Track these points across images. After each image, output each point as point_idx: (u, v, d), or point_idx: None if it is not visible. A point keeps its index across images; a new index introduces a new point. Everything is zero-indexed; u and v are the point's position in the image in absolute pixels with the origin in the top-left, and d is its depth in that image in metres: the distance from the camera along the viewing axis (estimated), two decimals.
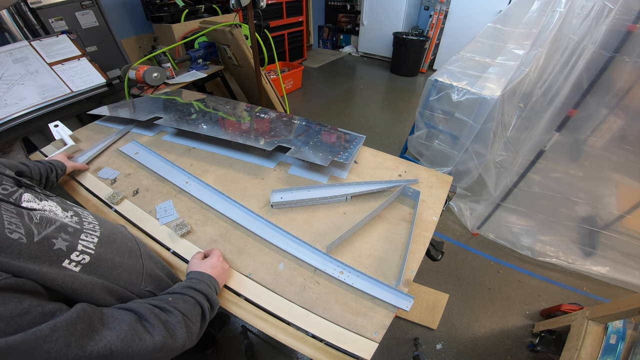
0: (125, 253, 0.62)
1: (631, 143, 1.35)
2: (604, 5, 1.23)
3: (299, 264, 0.74)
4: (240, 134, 1.09)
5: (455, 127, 1.99)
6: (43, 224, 0.47)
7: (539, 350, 1.44)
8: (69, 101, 1.78)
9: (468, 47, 2.01)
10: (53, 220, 0.49)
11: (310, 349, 0.62)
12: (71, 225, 0.52)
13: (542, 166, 1.59)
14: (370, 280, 0.69)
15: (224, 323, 1.51)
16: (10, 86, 1.63)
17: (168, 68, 2.16)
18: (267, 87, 2.54)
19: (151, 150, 1.08)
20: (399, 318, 1.57)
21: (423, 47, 4.38)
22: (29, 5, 1.88)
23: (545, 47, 1.59)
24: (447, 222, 2.15)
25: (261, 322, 0.65)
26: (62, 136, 1.14)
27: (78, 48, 1.93)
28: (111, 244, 0.59)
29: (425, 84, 2.02)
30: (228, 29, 2.15)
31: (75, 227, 0.53)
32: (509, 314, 1.63)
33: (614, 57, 1.21)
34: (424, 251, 0.78)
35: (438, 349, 1.48)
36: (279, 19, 4.27)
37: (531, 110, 1.68)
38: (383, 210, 0.88)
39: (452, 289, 1.70)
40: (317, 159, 0.96)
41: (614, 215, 1.61)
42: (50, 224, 0.48)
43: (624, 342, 1.14)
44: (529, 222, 1.88)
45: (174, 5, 2.80)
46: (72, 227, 0.52)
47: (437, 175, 1.01)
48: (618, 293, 1.73)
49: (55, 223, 0.49)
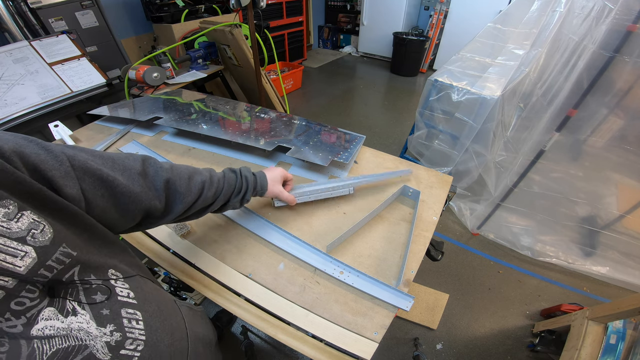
0: None
1: (631, 143, 1.35)
2: (604, 5, 1.23)
3: (299, 264, 0.74)
4: (240, 134, 1.09)
5: (455, 127, 1.99)
6: None
7: (539, 350, 1.44)
8: (69, 101, 1.78)
9: (468, 47, 2.01)
10: (76, 351, 0.34)
11: (310, 349, 0.62)
12: (101, 355, 0.36)
13: (542, 166, 1.59)
14: (370, 280, 0.69)
15: (230, 319, 1.53)
16: (10, 86, 1.63)
17: (168, 68, 2.16)
18: (267, 87, 2.54)
19: (151, 151, 1.08)
20: (399, 318, 1.57)
21: (423, 47, 4.38)
22: (29, 5, 1.88)
23: (545, 47, 1.59)
24: (447, 222, 2.15)
25: (261, 322, 0.65)
26: (62, 136, 1.14)
27: (78, 48, 1.93)
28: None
29: (425, 84, 2.02)
30: (228, 29, 2.15)
31: (103, 359, 0.36)
32: (509, 314, 1.63)
33: (614, 57, 1.21)
34: (424, 251, 0.78)
35: (438, 349, 1.48)
36: (279, 19, 4.28)
37: (531, 110, 1.68)
38: (383, 210, 0.88)
39: (452, 289, 1.70)
40: (317, 159, 0.96)
41: (614, 215, 1.61)
42: (67, 359, 0.33)
43: (624, 342, 1.14)
44: (529, 222, 1.88)
45: (174, 5, 2.80)
46: (100, 358, 0.36)
47: (437, 175, 1.01)
48: (618, 293, 1.73)
49: (77, 356, 0.34)
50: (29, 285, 0.31)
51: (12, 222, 0.30)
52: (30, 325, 0.31)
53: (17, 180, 0.30)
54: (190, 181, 0.57)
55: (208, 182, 0.60)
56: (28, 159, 0.33)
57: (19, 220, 0.30)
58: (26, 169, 0.32)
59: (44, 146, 0.36)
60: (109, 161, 0.45)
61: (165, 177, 0.52)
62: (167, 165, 0.55)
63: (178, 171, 0.56)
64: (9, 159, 0.31)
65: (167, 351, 0.45)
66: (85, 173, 0.39)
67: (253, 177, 0.69)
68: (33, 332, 0.31)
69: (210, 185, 0.61)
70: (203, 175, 0.60)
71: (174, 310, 0.53)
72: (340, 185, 0.89)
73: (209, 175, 0.61)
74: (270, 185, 0.73)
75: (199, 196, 0.58)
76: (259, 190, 0.72)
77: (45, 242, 0.32)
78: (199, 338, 0.59)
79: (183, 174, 0.56)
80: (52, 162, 0.35)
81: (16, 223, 0.30)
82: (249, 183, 0.68)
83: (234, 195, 0.66)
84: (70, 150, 0.39)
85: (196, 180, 0.58)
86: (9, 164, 0.30)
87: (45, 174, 0.34)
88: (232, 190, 0.65)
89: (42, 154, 0.35)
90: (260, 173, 0.73)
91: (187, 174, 0.57)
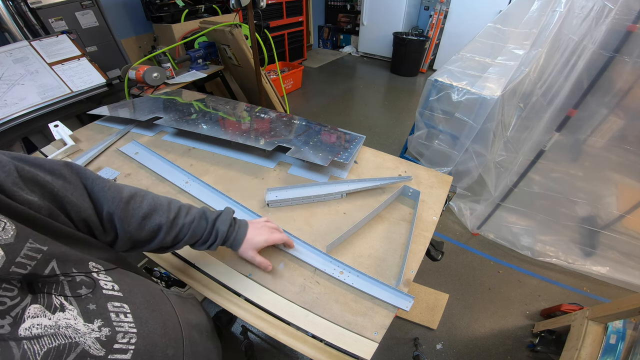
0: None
1: (631, 143, 1.35)
2: (604, 5, 1.23)
3: (299, 264, 0.74)
4: (240, 134, 1.09)
5: (455, 127, 1.99)
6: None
7: (539, 350, 1.44)
8: (69, 101, 1.78)
9: (468, 47, 2.01)
10: (67, 349, 0.33)
11: (310, 349, 0.62)
12: (94, 350, 0.36)
13: (542, 166, 1.59)
14: (370, 280, 0.69)
15: (230, 319, 1.53)
16: (10, 86, 1.63)
17: (168, 68, 2.16)
18: (267, 87, 2.54)
19: (151, 150, 1.08)
20: (399, 318, 1.57)
21: (423, 47, 4.38)
22: (29, 5, 1.88)
23: (545, 47, 1.59)
24: (447, 222, 2.15)
25: (261, 322, 0.65)
26: (62, 136, 1.14)
27: (78, 48, 1.93)
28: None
29: (425, 84, 2.02)
30: (228, 29, 2.15)
31: (98, 355, 0.36)
32: (509, 314, 1.63)
33: (614, 57, 1.21)
34: (424, 251, 0.78)
35: (438, 349, 1.48)
36: (279, 19, 4.27)
37: (531, 110, 1.68)
38: (383, 210, 0.88)
39: (452, 289, 1.70)
40: (317, 159, 0.96)
41: (614, 215, 1.61)
42: (61, 358, 0.33)
43: (624, 342, 1.14)
44: (529, 222, 1.88)
45: (174, 5, 2.80)
46: (94, 354, 0.36)
47: (437, 175, 1.01)
48: (618, 293, 1.73)
49: (70, 354, 0.34)
50: (4, 283, 0.30)
51: None
52: (17, 325, 0.30)
53: None
54: (144, 220, 0.53)
55: (167, 226, 0.56)
56: None
57: None
58: None
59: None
60: (59, 179, 0.45)
61: (107, 210, 0.50)
62: (127, 195, 0.52)
63: (135, 204, 0.53)
64: None
65: (161, 341, 0.45)
66: (35, 184, 0.40)
67: (225, 233, 0.63)
68: (20, 332, 0.30)
69: (170, 230, 0.57)
70: (162, 217, 0.56)
71: (162, 300, 0.52)
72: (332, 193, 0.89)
73: (172, 217, 0.57)
74: (243, 249, 0.66)
75: (151, 238, 0.55)
76: (229, 246, 0.66)
77: (9, 239, 0.32)
78: (192, 325, 0.58)
79: (138, 210, 0.53)
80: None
81: None
82: (217, 237, 0.62)
83: (199, 244, 0.62)
84: (19, 162, 0.39)
85: (153, 220, 0.54)
86: None
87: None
88: (196, 239, 0.61)
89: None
90: (241, 229, 0.66)
91: (144, 211, 0.53)
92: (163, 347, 0.45)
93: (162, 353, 0.45)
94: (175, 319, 0.52)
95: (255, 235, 0.67)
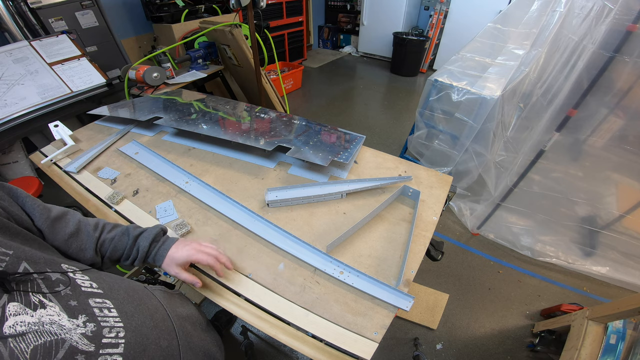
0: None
1: (631, 143, 1.35)
2: (604, 5, 1.23)
3: (299, 264, 0.74)
4: (240, 134, 1.09)
5: (455, 127, 1.99)
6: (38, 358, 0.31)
7: (539, 350, 1.44)
8: (69, 101, 1.78)
9: (468, 47, 2.01)
10: (55, 345, 0.33)
11: (310, 349, 0.62)
12: (82, 346, 0.35)
13: (542, 166, 1.59)
14: (370, 280, 0.69)
15: (229, 320, 1.52)
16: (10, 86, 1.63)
17: (168, 68, 2.16)
18: (267, 87, 2.54)
19: (151, 150, 1.08)
20: (399, 318, 1.57)
21: (423, 47, 4.38)
22: (29, 5, 1.88)
23: (545, 47, 1.59)
24: (447, 222, 2.15)
25: (261, 322, 0.65)
26: (62, 136, 1.14)
27: (78, 48, 1.93)
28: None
29: (425, 84, 2.02)
30: (228, 29, 2.15)
31: (88, 351, 0.35)
32: (509, 314, 1.63)
33: (614, 57, 1.21)
34: (424, 251, 0.78)
35: (438, 349, 1.48)
36: (279, 19, 4.27)
37: (531, 110, 1.68)
38: (383, 210, 0.88)
39: (452, 289, 1.70)
40: (317, 159, 0.96)
41: (614, 215, 1.61)
42: (51, 355, 0.32)
43: (624, 342, 1.14)
44: (529, 222, 1.88)
45: (174, 5, 2.80)
46: (84, 350, 0.35)
47: (437, 175, 1.01)
48: (618, 293, 1.73)
49: (59, 351, 0.33)
50: None
51: None
52: (0, 323, 0.31)
53: None
54: (70, 238, 0.57)
55: (92, 247, 0.59)
56: None
57: None
58: None
59: None
60: None
61: (44, 219, 0.55)
62: (54, 214, 0.57)
63: (62, 223, 0.57)
64: None
65: (152, 333, 0.45)
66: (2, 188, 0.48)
67: (147, 248, 0.63)
68: (5, 330, 0.31)
69: (95, 249, 0.60)
70: (89, 235, 0.60)
71: (146, 295, 0.53)
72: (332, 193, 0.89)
73: (97, 235, 0.61)
74: (166, 265, 0.65)
75: (79, 255, 0.57)
76: (152, 261, 0.65)
77: None
78: (183, 317, 0.58)
79: (65, 229, 0.57)
80: None
81: None
82: (138, 252, 0.63)
83: (123, 259, 0.64)
84: None
85: (79, 238, 0.58)
86: None
87: None
88: (118, 255, 0.63)
89: None
90: (165, 245, 0.66)
91: (70, 229, 0.57)
92: (155, 339, 0.45)
93: (155, 345, 0.45)
94: (163, 311, 0.53)
95: (178, 250, 0.65)
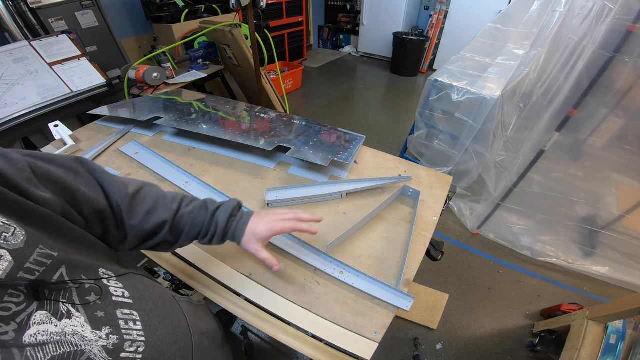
0: None
1: (631, 143, 1.35)
2: (604, 5, 1.23)
3: (299, 264, 0.74)
4: (240, 134, 1.09)
5: (455, 127, 1.99)
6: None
7: (539, 350, 1.44)
8: (69, 101, 1.77)
9: (468, 47, 2.01)
10: (73, 357, 0.33)
11: (310, 349, 0.62)
12: (99, 359, 0.35)
13: (542, 166, 1.59)
14: (370, 280, 0.69)
15: (230, 319, 1.53)
16: (10, 86, 1.63)
17: (168, 68, 2.16)
18: (267, 87, 2.54)
19: (151, 150, 1.08)
20: (399, 318, 1.57)
21: (423, 47, 4.38)
22: (29, 5, 1.88)
23: (545, 47, 1.59)
24: (447, 222, 2.15)
25: (261, 322, 0.65)
26: (62, 136, 1.14)
27: (78, 48, 1.93)
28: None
29: (425, 84, 2.02)
30: (228, 29, 2.15)
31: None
32: (509, 314, 1.63)
33: (614, 57, 1.21)
34: (424, 251, 0.78)
35: (438, 349, 1.48)
36: (279, 19, 4.27)
37: (531, 110, 1.68)
38: (383, 210, 0.88)
39: (452, 289, 1.70)
40: (317, 159, 0.96)
41: (614, 215, 1.61)
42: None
43: (624, 342, 1.14)
44: (529, 222, 1.88)
45: (174, 5, 2.80)
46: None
47: (437, 175, 1.01)
48: (618, 293, 1.73)
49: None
50: (11, 289, 0.30)
51: None
52: (22, 331, 0.29)
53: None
54: (148, 215, 0.53)
55: (170, 219, 0.55)
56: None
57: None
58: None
59: (3, 154, 0.36)
60: (71, 172, 0.44)
61: (115, 201, 0.49)
62: (132, 189, 0.52)
63: (140, 198, 0.53)
64: None
65: (170, 349, 0.44)
66: (48, 180, 0.39)
67: (225, 222, 0.59)
68: (25, 338, 0.29)
69: (172, 222, 0.55)
70: (166, 209, 0.55)
71: (173, 307, 0.52)
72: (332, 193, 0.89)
73: (175, 208, 0.56)
74: (245, 241, 0.61)
75: (156, 231, 0.54)
76: (231, 238, 0.62)
77: (19, 244, 0.31)
78: (203, 333, 0.57)
79: (143, 204, 0.52)
80: (11, 169, 0.35)
81: None
82: (217, 228, 0.59)
83: (200, 236, 0.59)
84: (30, 158, 0.39)
85: (157, 214, 0.53)
86: None
87: (7, 178, 0.34)
88: (197, 231, 0.58)
89: (1, 162, 0.35)
90: (243, 219, 0.61)
91: (149, 205, 0.53)
92: (172, 356, 0.44)
93: None
94: (185, 326, 0.52)
95: (258, 224, 0.61)
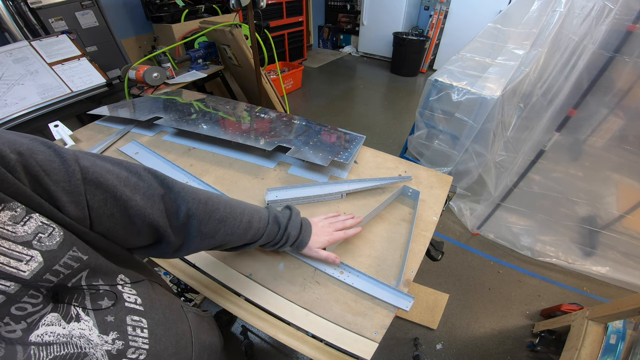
0: None
1: (631, 143, 1.35)
2: (604, 5, 1.23)
3: (299, 264, 0.74)
4: (240, 134, 1.09)
5: (455, 127, 1.99)
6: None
7: (539, 350, 1.44)
8: (69, 101, 1.78)
9: (468, 47, 2.01)
10: (75, 358, 0.33)
11: (310, 349, 0.62)
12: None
13: (542, 166, 1.59)
14: (370, 280, 0.69)
15: (230, 319, 1.53)
16: (10, 86, 1.63)
17: (168, 68, 2.16)
18: (267, 87, 2.54)
19: (151, 150, 1.08)
20: (399, 318, 1.57)
21: (423, 47, 4.39)
22: (29, 5, 1.88)
23: (545, 47, 1.59)
24: (447, 222, 2.15)
25: (261, 322, 0.65)
26: (62, 136, 1.14)
27: (78, 48, 1.93)
28: None
29: (425, 84, 2.02)
30: (228, 29, 2.15)
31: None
32: (509, 314, 1.63)
33: (614, 57, 1.21)
34: (424, 251, 0.78)
35: (438, 349, 1.48)
36: (279, 19, 4.28)
37: (531, 110, 1.68)
38: (383, 210, 0.88)
39: (452, 289, 1.70)
40: (317, 159, 0.96)
41: (614, 215, 1.61)
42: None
43: (624, 342, 1.14)
44: (529, 222, 1.88)
45: (174, 5, 2.80)
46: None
47: (437, 175, 1.01)
48: (618, 293, 1.73)
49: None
50: (32, 290, 0.30)
51: (18, 225, 0.28)
52: (30, 331, 0.30)
53: (17, 192, 0.29)
54: (219, 223, 0.52)
55: (241, 233, 0.55)
56: (32, 169, 0.31)
57: (25, 224, 0.29)
58: (28, 180, 0.31)
59: (59, 153, 0.33)
60: (123, 177, 0.40)
61: (186, 210, 0.47)
62: (203, 196, 0.50)
63: (213, 206, 0.51)
64: (13, 169, 0.29)
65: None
66: (98, 188, 0.36)
67: (296, 237, 0.66)
68: (32, 338, 0.30)
69: (243, 236, 0.56)
70: (236, 220, 0.54)
71: (180, 317, 0.52)
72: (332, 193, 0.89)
73: (247, 223, 0.56)
74: (307, 251, 0.68)
75: (223, 242, 0.54)
76: (295, 248, 0.69)
77: (53, 246, 0.31)
78: (204, 346, 0.58)
79: (216, 212, 0.51)
80: (61, 173, 0.33)
81: (23, 227, 0.29)
82: (287, 241, 0.65)
83: (269, 246, 0.65)
84: (86, 161, 0.36)
85: (229, 224, 0.53)
86: (12, 174, 0.29)
87: (48, 187, 0.32)
88: (267, 242, 0.63)
89: (55, 161, 0.32)
90: (306, 231, 0.67)
91: (221, 214, 0.52)
92: None
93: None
94: (189, 337, 0.52)
95: (319, 239, 0.69)
